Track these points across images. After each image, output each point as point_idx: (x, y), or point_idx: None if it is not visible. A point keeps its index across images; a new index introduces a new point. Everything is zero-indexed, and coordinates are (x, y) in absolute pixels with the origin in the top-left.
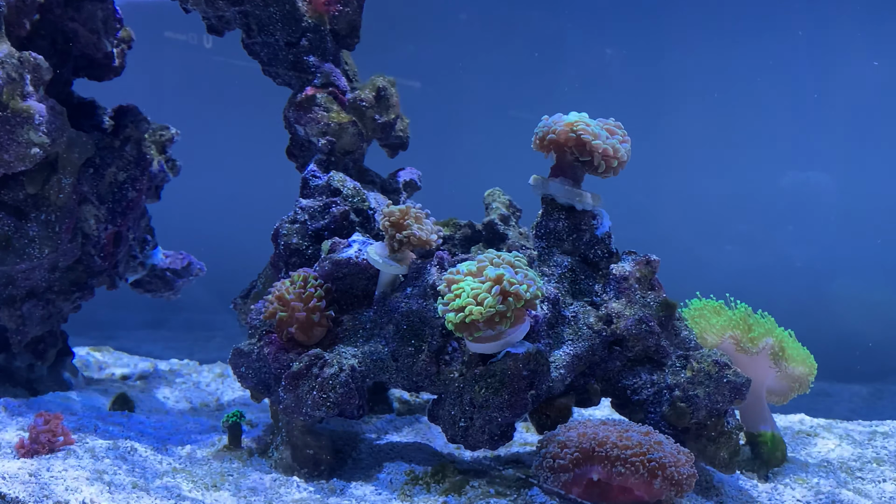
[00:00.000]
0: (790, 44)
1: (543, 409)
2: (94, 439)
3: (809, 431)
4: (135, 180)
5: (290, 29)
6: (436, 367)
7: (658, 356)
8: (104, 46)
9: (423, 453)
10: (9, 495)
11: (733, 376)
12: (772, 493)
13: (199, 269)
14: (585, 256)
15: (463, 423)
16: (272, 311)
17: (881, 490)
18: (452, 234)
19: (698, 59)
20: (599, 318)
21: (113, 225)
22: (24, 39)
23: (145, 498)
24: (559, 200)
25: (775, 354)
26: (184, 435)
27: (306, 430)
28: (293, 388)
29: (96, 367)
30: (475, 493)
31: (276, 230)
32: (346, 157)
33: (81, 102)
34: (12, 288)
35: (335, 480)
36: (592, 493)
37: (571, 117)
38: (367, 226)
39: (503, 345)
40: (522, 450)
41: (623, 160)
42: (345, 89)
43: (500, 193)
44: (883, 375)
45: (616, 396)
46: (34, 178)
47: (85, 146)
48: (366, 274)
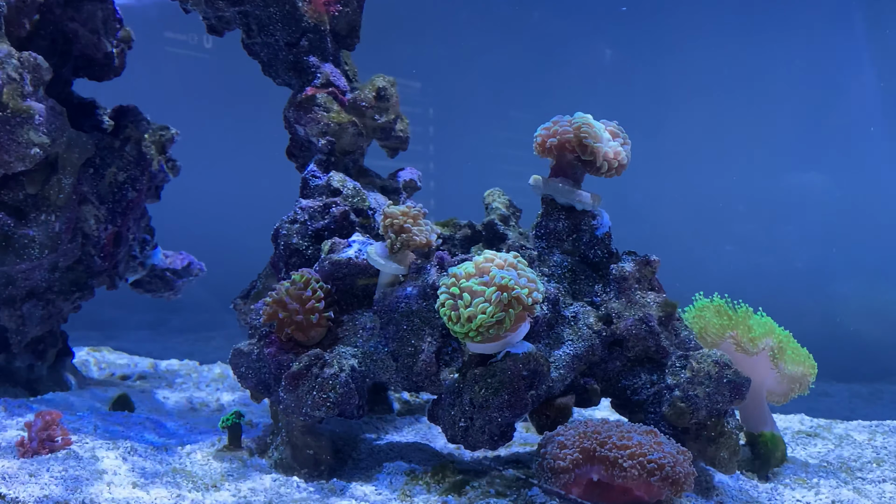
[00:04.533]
0: (791, 44)
1: (543, 409)
2: (94, 439)
3: (809, 431)
4: (135, 180)
5: (290, 29)
6: (436, 367)
7: (658, 356)
8: (104, 46)
9: (423, 453)
10: (9, 495)
11: (733, 376)
12: (772, 493)
13: (199, 269)
14: (585, 256)
15: (463, 423)
16: (272, 312)
17: (881, 490)
18: (452, 234)
19: (698, 60)
20: (599, 318)
21: (113, 225)
22: (24, 39)
23: (145, 498)
24: (559, 201)
25: (775, 355)
26: (184, 435)
27: (306, 430)
28: (293, 389)
29: (96, 367)
30: (475, 494)
31: (276, 230)
32: (346, 157)
33: (81, 102)
34: (12, 288)
35: (335, 480)
36: (593, 494)
37: (576, 119)
38: (368, 226)
39: (503, 345)
40: (522, 450)
41: (624, 163)
42: (345, 89)
43: (500, 193)
44: (883, 375)
45: (616, 396)
46: (34, 178)
47: (85, 146)
48: (366, 274)
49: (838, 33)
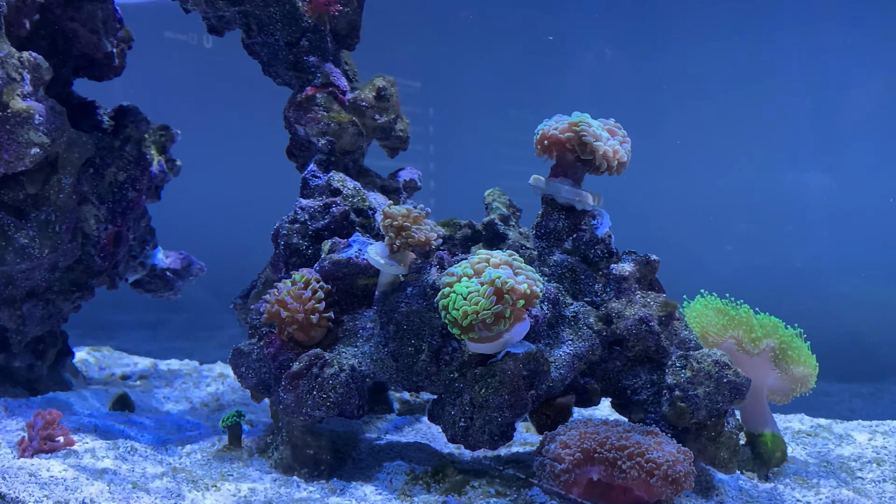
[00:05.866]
0: (791, 44)
1: (543, 409)
2: (94, 439)
3: (809, 431)
4: (135, 180)
5: (290, 29)
6: (436, 367)
7: (658, 356)
8: (104, 46)
9: (423, 453)
10: (9, 495)
11: (733, 376)
12: (772, 493)
13: (199, 269)
14: (585, 256)
15: (463, 423)
16: (273, 311)
17: (881, 490)
18: (452, 234)
19: (698, 60)
20: (599, 318)
21: (113, 225)
22: (24, 39)
23: (145, 498)
24: (559, 200)
25: (776, 355)
26: (184, 435)
27: (306, 430)
28: (293, 388)
29: (96, 367)
30: (475, 493)
31: (277, 230)
32: (346, 157)
33: (81, 102)
34: (12, 288)
35: (335, 480)
36: (593, 494)
37: (574, 118)
38: (368, 226)
39: (503, 345)
40: (522, 450)
41: (624, 161)
42: (345, 89)
43: (500, 193)
44: (883, 375)
45: (616, 396)
46: (34, 178)
47: (85, 146)
48: (366, 274)
49: (839, 33)
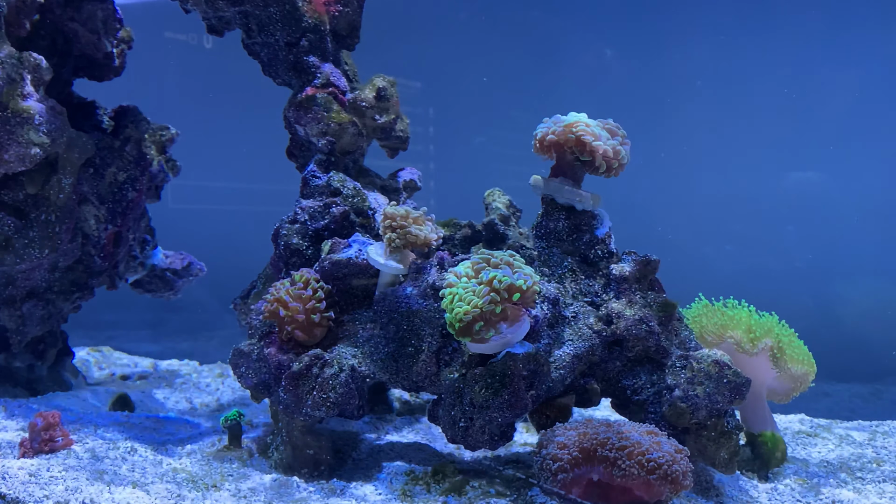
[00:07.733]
0: (791, 43)
1: (543, 409)
2: (94, 439)
3: (809, 431)
4: (135, 180)
5: (290, 29)
6: (436, 367)
7: (658, 356)
8: (104, 46)
9: (423, 453)
10: (9, 495)
11: (733, 376)
12: (772, 493)
13: (199, 269)
14: (585, 256)
15: (463, 423)
16: (272, 312)
17: (881, 490)
18: (452, 234)
19: (699, 60)
20: (599, 318)
21: (113, 225)
22: (24, 39)
23: (145, 498)
24: (559, 201)
25: (774, 355)
26: (184, 435)
27: (306, 430)
28: (293, 388)
29: (96, 367)
30: (475, 494)
31: (277, 230)
32: (346, 157)
33: (81, 102)
34: (12, 288)
35: (335, 480)
36: (592, 494)
37: (571, 118)
38: (368, 226)
39: (503, 345)
40: (522, 450)
41: (623, 162)
42: (345, 89)
43: (500, 193)
44: (883, 375)
45: (616, 396)
46: (34, 178)
47: (85, 146)
48: (366, 274)
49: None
